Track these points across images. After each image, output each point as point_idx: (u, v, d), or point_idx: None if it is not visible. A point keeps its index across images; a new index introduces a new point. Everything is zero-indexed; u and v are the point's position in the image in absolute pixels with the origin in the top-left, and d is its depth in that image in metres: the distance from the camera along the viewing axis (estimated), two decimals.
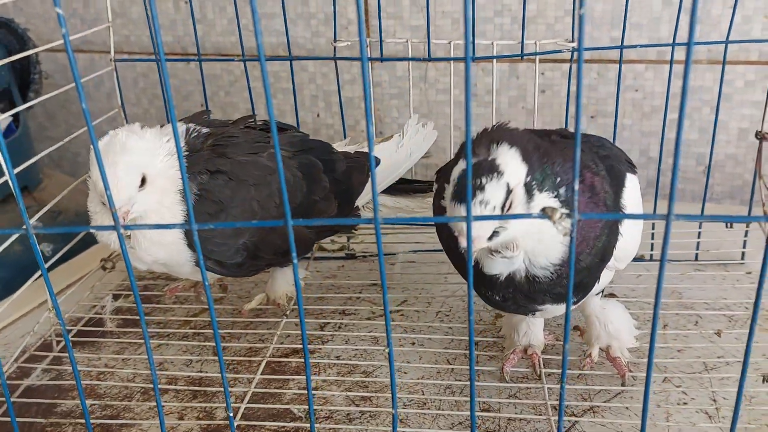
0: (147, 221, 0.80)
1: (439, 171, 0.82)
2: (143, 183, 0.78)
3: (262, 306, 0.99)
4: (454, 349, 0.91)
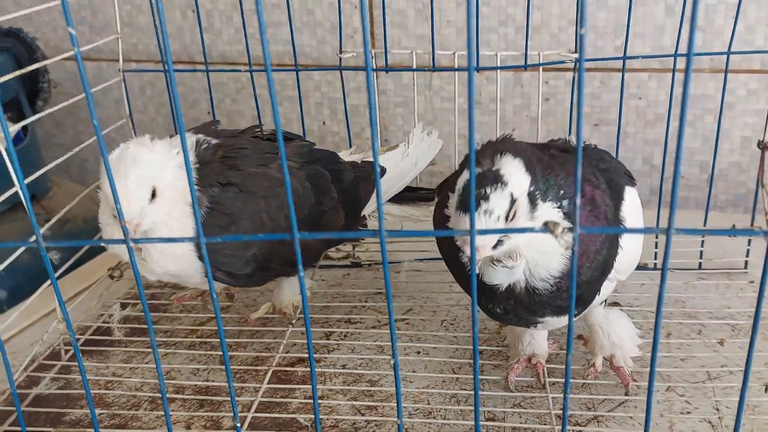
0: (157, 233, 0.81)
1: (441, 184, 0.82)
2: (153, 196, 0.79)
3: (268, 315, 1.00)
4: (459, 359, 0.92)
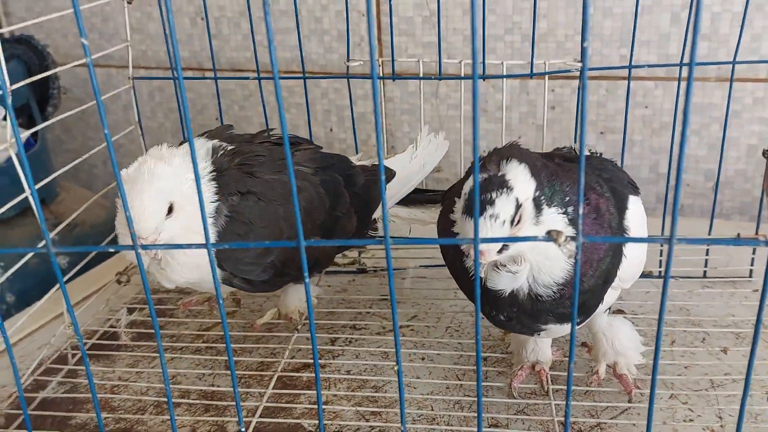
0: (170, 252, 0.81)
1: (446, 191, 0.83)
2: (170, 210, 0.78)
3: (273, 320, 1.01)
4: (463, 365, 0.92)
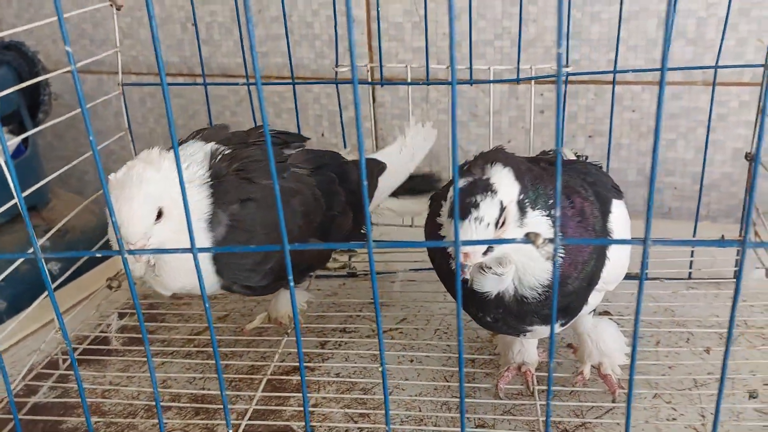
0: (165, 258, 0.80)
1: (433, 195, 0.84)
2: (159, 215, 0.78)
3: (264, 325, 1.01)
4: (451, 367, 0.93)
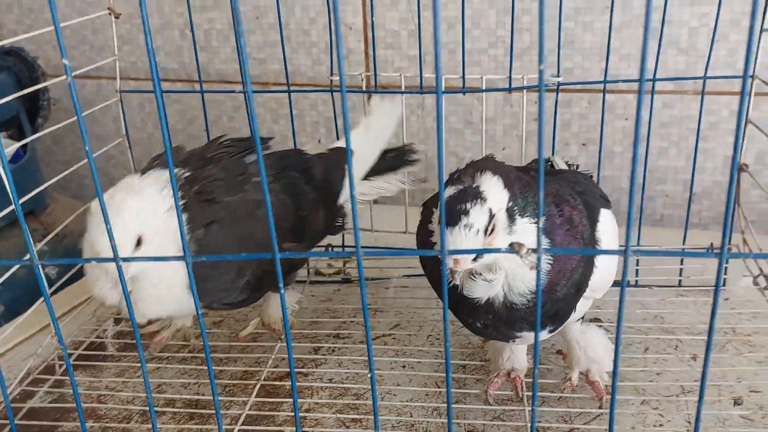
0: (146, 279, 0.80)
1: (425, 202, 0.85)
2: (139, 243, 0.77)
3: (258, 330, 1.03)
4: (443, 372, 0.94)
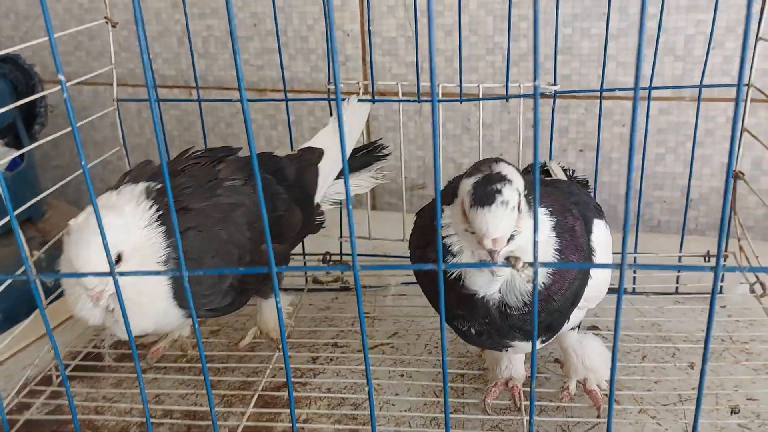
0: (128, 294, 0.75)
1: (420, 211, 0.85)
2: (118, 261, 0.78)
3: (256, 339, 1.02)
4: (441, 382, 0.94)
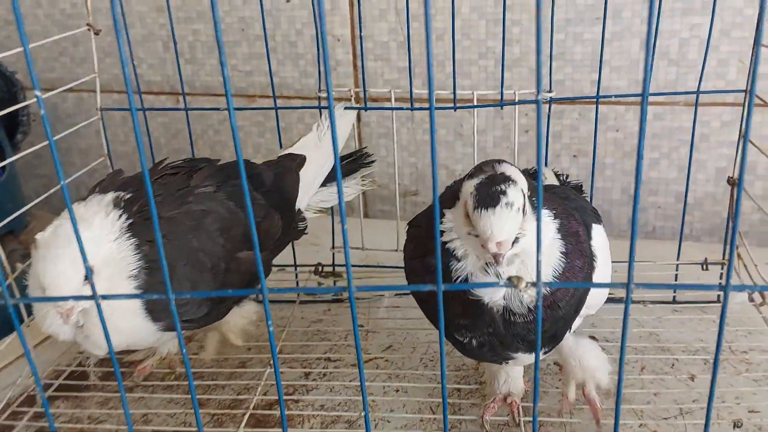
0: (95, 313, 0.73)
1: (411, 221, 0.83)
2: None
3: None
4: (437, 398, 0.92)
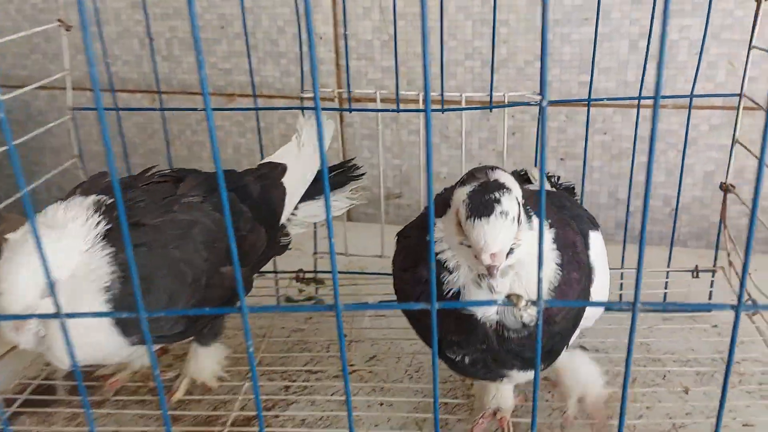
0: (55, 329, 0.71)
1: (401, 232, 0.80)
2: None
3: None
4: (422, 412, 0.89)
